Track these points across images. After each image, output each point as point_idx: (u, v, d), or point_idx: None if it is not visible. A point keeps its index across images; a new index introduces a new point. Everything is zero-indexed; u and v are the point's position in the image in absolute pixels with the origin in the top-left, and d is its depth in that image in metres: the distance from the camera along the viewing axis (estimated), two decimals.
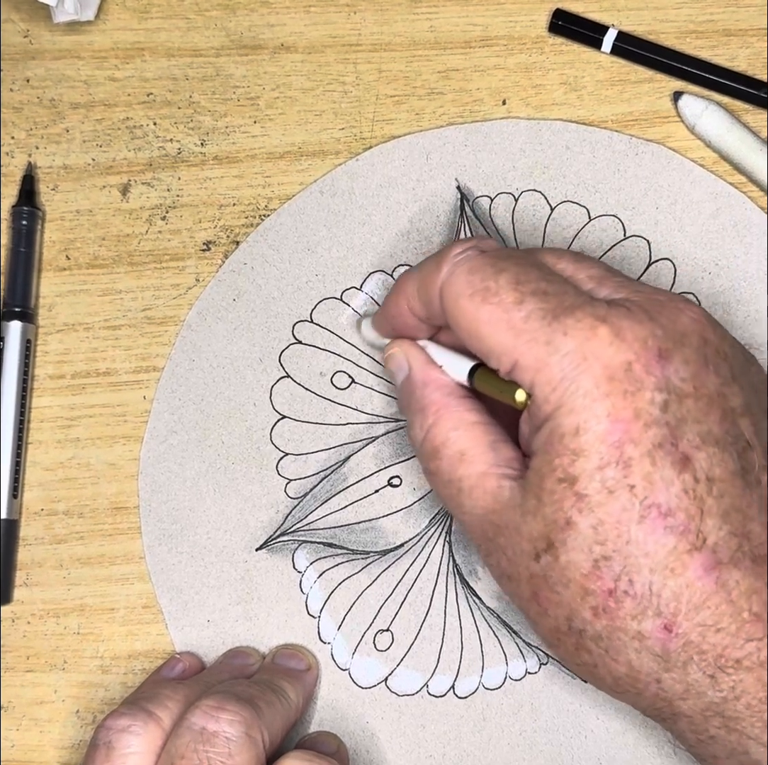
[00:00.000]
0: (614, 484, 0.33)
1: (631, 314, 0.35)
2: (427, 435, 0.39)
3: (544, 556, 0.35)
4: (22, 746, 0.46)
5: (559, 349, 0.34)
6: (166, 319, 0.47)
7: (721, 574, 0.33)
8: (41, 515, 0.47)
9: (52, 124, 0.48)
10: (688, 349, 0.35)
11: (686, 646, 0.33)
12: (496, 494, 0.37)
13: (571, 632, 0.35)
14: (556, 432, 0.34)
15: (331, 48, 0.48)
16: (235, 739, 0.37)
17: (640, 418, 0.33)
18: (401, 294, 0.40)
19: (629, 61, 0.47)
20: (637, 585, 0.33)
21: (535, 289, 0.36)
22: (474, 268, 0.37)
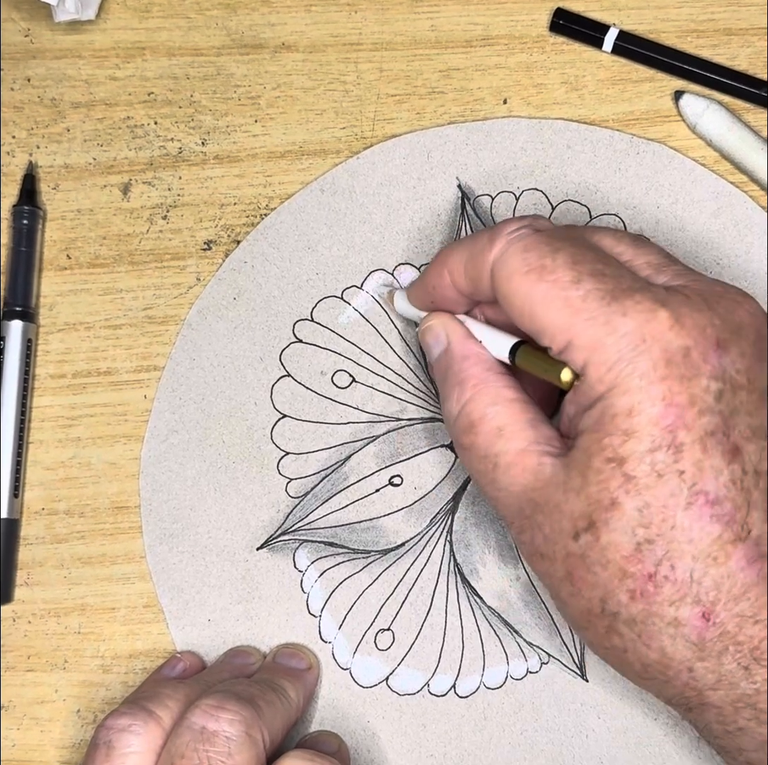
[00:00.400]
0: (664, 467, 0.33)
1: (689, 302, 0.35)
2: (463, 409, 0.39)
3: (584, 536, 0.35)
4: (23, 745, 0.46)
5: (618, 330, 0.34)
6: (167, 318, 0.47)
7: (764, 567, 0.33)
8: (42, 514, 0.47)
9: (53, 124, 0.48)
10: (745, 341, 0.35)
11: (723, 636, 0.33)
12: (536, 471, 0.36)
13: (604, 615, 0.35)
14: (608, 412, 0.34)
15: (332, 47, 0.48)
16: (235, 738, 0.37)
17: (695, 405, 0.34)
18: (445, 267, 0.40)
19: (630, 60, 0.47)
20: (679, 571, 0.33)
21: (593, 270, 0.35)
22: (529, 245, 0.37)
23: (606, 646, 0.36)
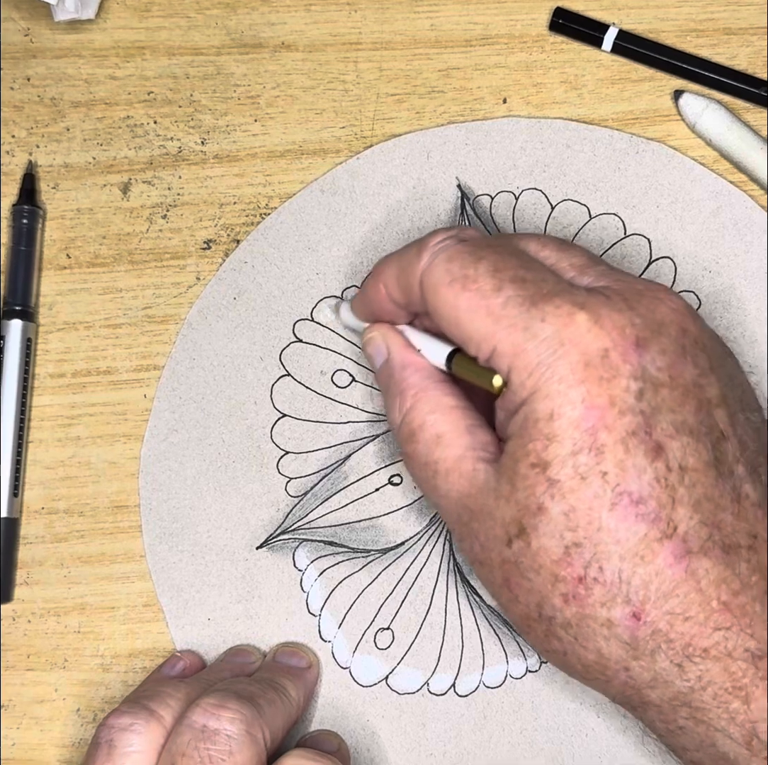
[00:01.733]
0: (586, 470, 0.33)
1: (610, 302, 0.35)
2: (404, 418, 0.39)
3: (516, 542, 0.35)
4: (23, 745, 0.46)
5: (537, 335, 0.34)
6: (167, 317, 0.47)
7: (691, 563, 0.33)
8: (42, 514, 0.47)
9: (53, 123, 0.48)
10: (666, 338, 0.35)
11: (654, 634, 0.33)
12: (471, 477, 0.37)
13: (541, 619, 0.35)
14: (530, 417, 0.34)
15: (332, 46, 0.48)
16: (235, 737, 0.37)
17: (615, 406, 0.34)
18: (380, 280, 0.40)
19: (630, 59, 0.47)
20: (607, 572, 0.34)
21: (514, 276, 0.36)
22: (453, 256, 0.37)
23: (547, 650, 0.36)
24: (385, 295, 0.40)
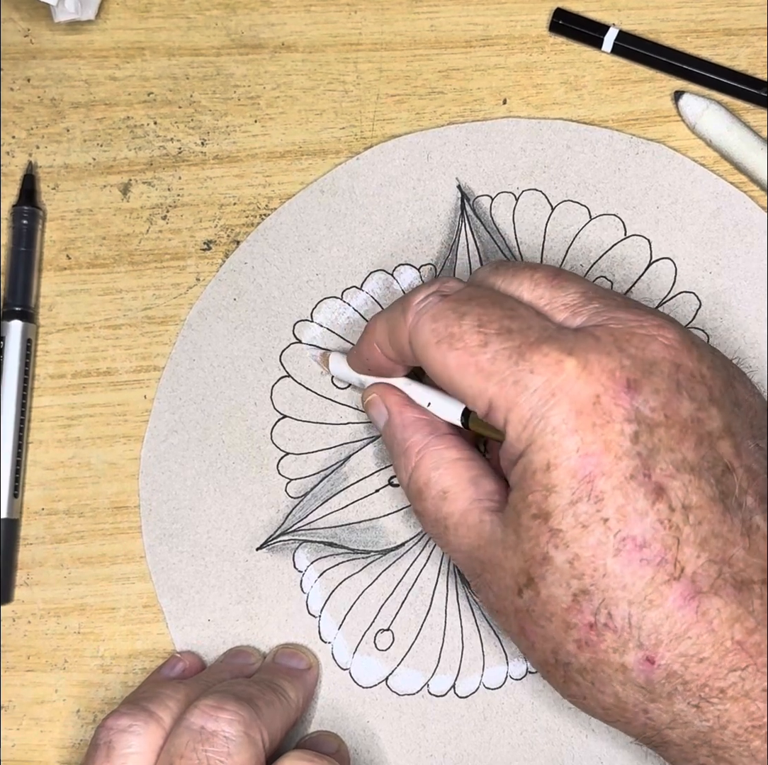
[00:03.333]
0: (587, 518, 0.33)
1: (599, 345, 0.35)
2: (411, 477, 0.40)
3: (526, 591, 0.35)
4: (23, 746, 0.46)
5: (528, 387, 0.34)
6: (167, 318, 0.47)
7: (701, 603, 0.33)
8: (42, 515, 0.47)
9: (53, 124, 0.48)
10: (658, 377, 0.34)
11: (670, 677, 0.33)
12: (478, 529, 0.37)
13: (558, 665, 0.35)
14: (528, 468, 0.34)
15: (332, 47, 0.48)
16: (234, 738, 0.37)
17: (611, 451, 0.33)
18: (372, 340, 0.41)
19: (630, 60, 0.47)
20: (617, 618, 0.33)
21: (499, 328, 0.36)
22: (437, 315, 0.37)
23: (568, 694, 0.36)
24: (380, 353, 0.41)
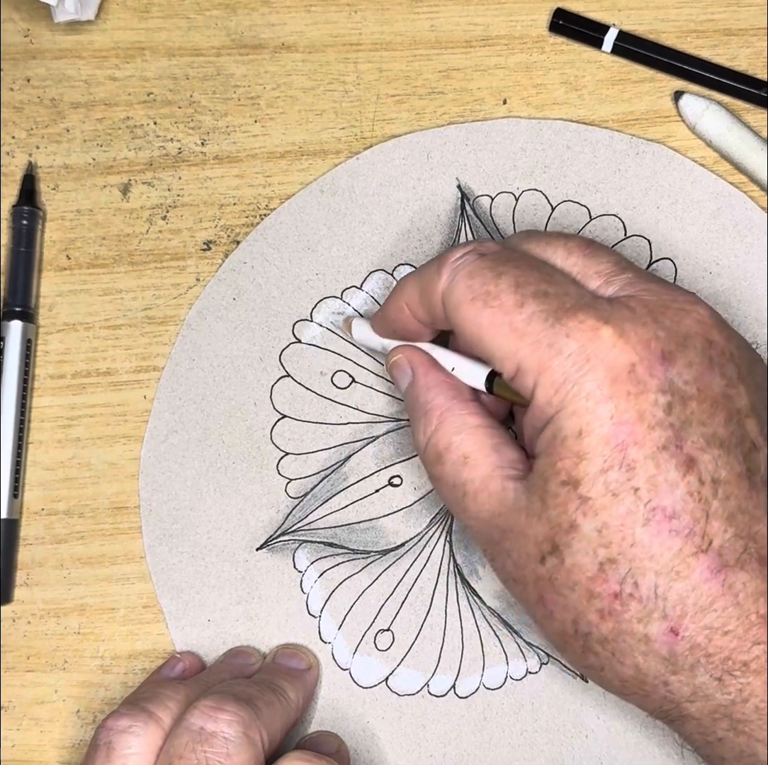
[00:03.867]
0: (618, 486, 0.33)
1: (634, 315, 0.35)
2: (430, 440, 0.39)
3: (549, 559, 0.35)
4: (23, 746, 0.46)
5: (562, 351, 0.34)
6: (167, 318, 0.47)
7: (728, 577, 0.33)
8: (42, 515, 0.47)
9: (53, 124, 0.48)
10: (692, 351, 0.35)
11: (693, 649, 0.33)
12: (500, 497, 0.37)
13: (577, 635, 0.35)
14: (558, 435, 0.34)
15: (332, 47, 0.48)
16: (233, 739, 0.37)
17: (644, 420, 0.33)
18: (402, 299, 0.40)
19: (630, 60, 0.47)
20: (643, 588, 0.33)
21: (536, 291, 0.35)
22: (473, 272, 0.37)
23: (585, 665, 0.36)
24: (409, 314, 0.40)
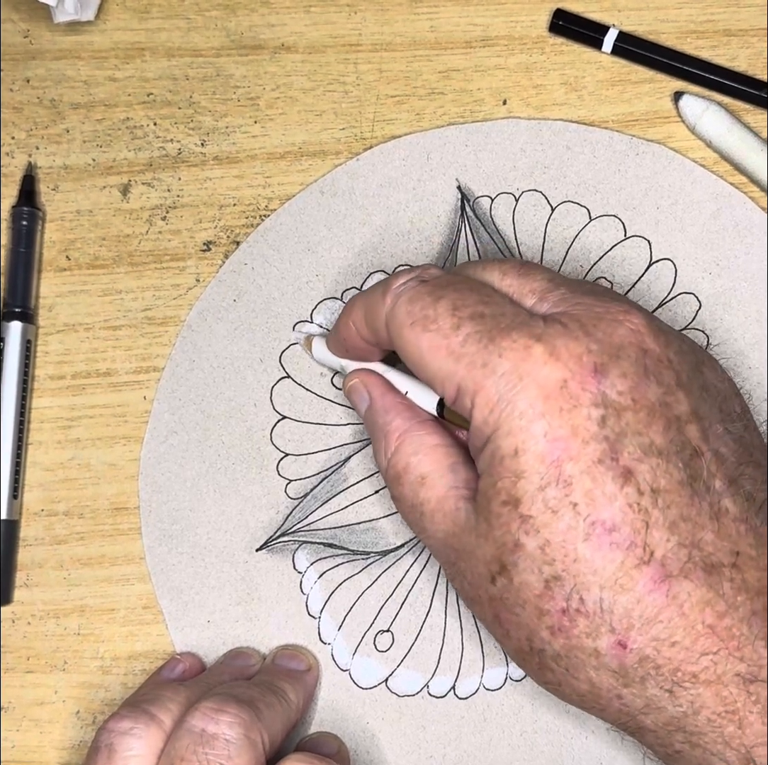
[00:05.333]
0: (557, 503, 0.33)
1: (566, 331, 0.35)
2: (390, 461, 0.39)
3: (499, 579, 0.35)
4: (23, 747, 0.46)
5: (495, 371, 0.34)
6: (167, 319, 0.47)
7: (672, 587, 0.33)
8: (41, 516, 0.47)
9: (53, 125, 0.48)
10: (625, 361, 0.35)
11: (642, 661, 0.33)
12: (454, 517, 0.37)
13: (533, 652, 0.35)
14: (496, 454, 0.34)
15: (332, 48, 0.48)
16: (234, 741, 0.37)
17: (578, 435, 0.33)
18: (350, 319, 0.41)
19: (630, 61, 0.47)
20: (588, 603, 0.33)
21: (473, 313, 0.36)
22: (413, 297, 0.37)
23: (543, 681, 0.36)
24: (356, 334, 0.41)
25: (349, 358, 0.43)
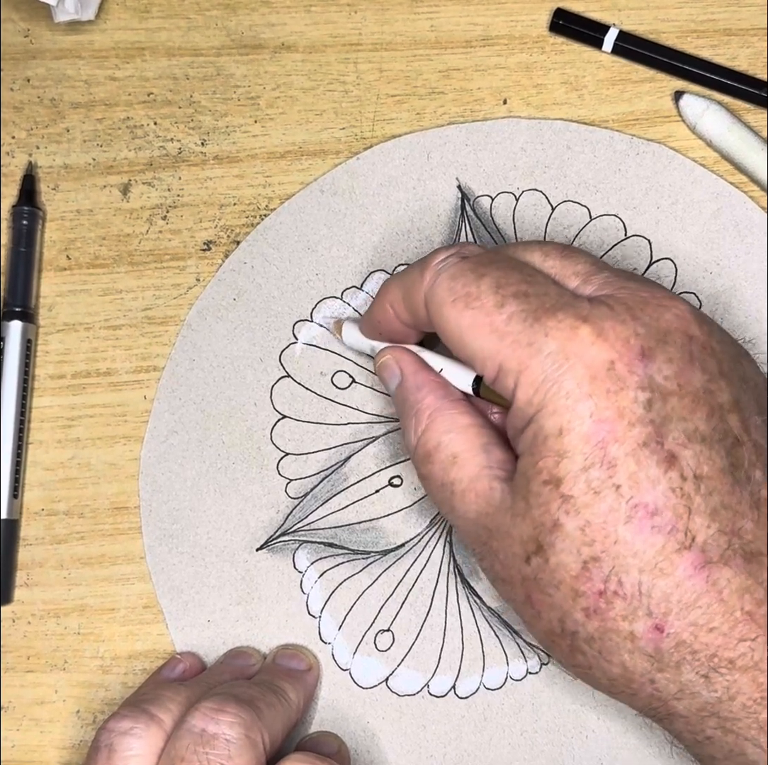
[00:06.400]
0: (599, 484, 0.33)
1: (613, 313, 0.35)
2: (420, 439, 0.39)
3: (534, 559, 0.35)
4: (23, 746, 0.46)
5: (541, 350, 0.34)
6: (167, 318, 0.47)
7: (712, 573, 0.33)
8: (42, 515, 0.47)
9: (53, 124, 0.48)
10: (672, 346, 0.35)
11: (678, 646, 0.33)
12: (487, 496, 0.37)
13: (564, 634, 0.35)
14: (539, 434, 0.34)
15: (332, 47, 0.48)
16: (235, 741, 0.37)
17: (624, 417, 0.33)
18: (386, 301, 0.40)
19: (630, 60, 0.47)
20: (627, 585, 0.33)
21: (516, 292, 0.36)
22: (455, 274, 0.37)
23: (573, 664, 0.36)
24: (394, 316, 0.40)
25: (384, 340, 0.42)
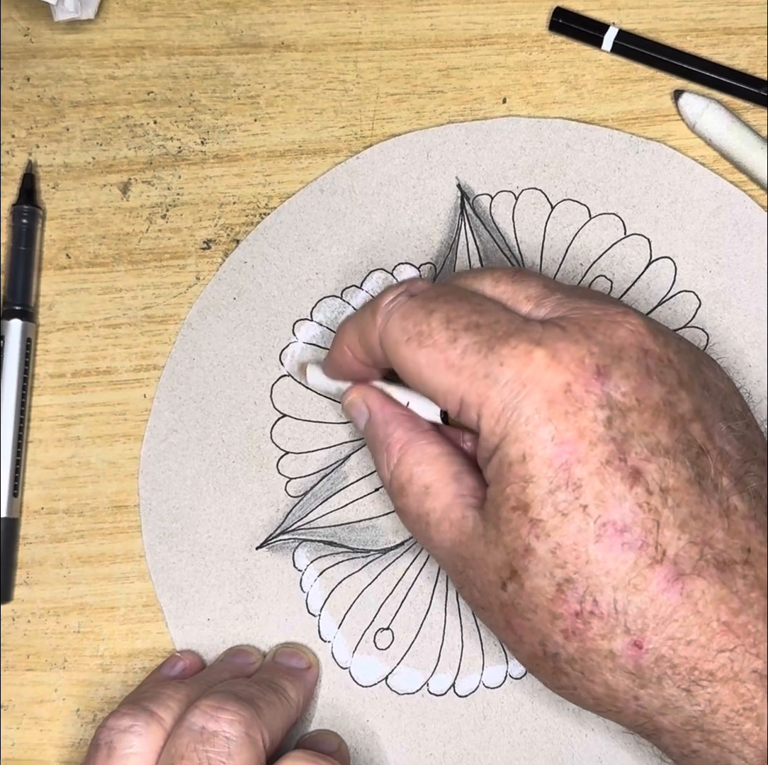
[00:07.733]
0: (566, 506, 0.33)
1: (566, 334, 0.35)
2: (393, 473, 0.39)
3: (510, 585, 0.35)
4: (23, 745, 0.46)
5: (498, 380, 0.34)
6: (167, 317, 0.47)
7: (686, 585, 0.33)
8: (41, 514, 0.47)
9: (53, 123, 0.48)
10: (627, 362, 0.35)
11: (658, 661, 0.33)
12: (461, 525, 0.37)
13: (546, 657, 0.35)
14: (504, 461, 0.34)
15: (332, 46, 0.48)
16: (234, 739, 0.37)
17: (585, 437, 0.33)
18: (344, 344, 0.41)
19: (630, 59, 0.47)
20: (602, 604, 0.33)
21: (467, 324, 0.36)
22: (405, 313, 0.37)
23: (558, 686, 0.36)
24: (353, 358, 0.41)
25: (348, 380, 0.43)
